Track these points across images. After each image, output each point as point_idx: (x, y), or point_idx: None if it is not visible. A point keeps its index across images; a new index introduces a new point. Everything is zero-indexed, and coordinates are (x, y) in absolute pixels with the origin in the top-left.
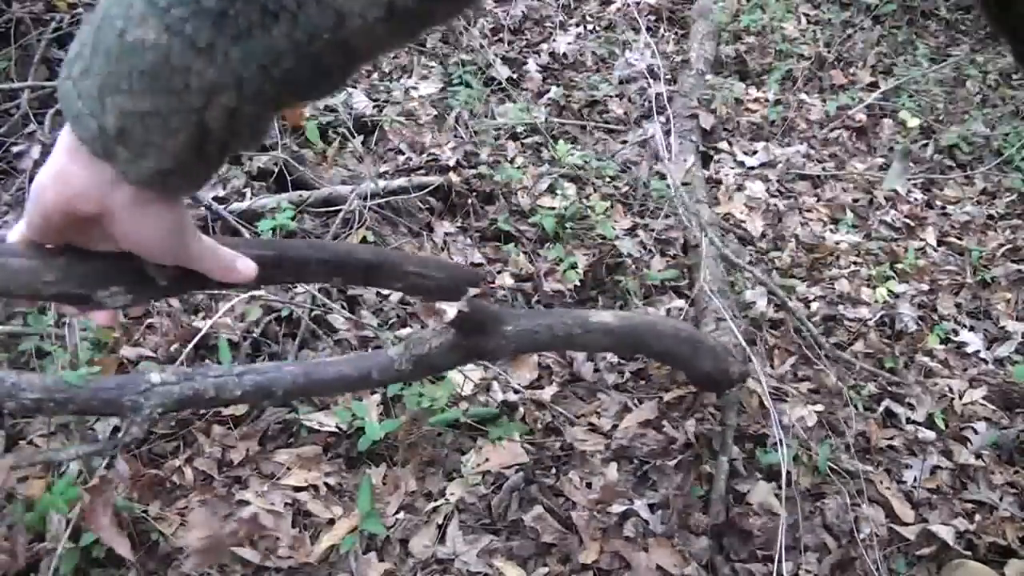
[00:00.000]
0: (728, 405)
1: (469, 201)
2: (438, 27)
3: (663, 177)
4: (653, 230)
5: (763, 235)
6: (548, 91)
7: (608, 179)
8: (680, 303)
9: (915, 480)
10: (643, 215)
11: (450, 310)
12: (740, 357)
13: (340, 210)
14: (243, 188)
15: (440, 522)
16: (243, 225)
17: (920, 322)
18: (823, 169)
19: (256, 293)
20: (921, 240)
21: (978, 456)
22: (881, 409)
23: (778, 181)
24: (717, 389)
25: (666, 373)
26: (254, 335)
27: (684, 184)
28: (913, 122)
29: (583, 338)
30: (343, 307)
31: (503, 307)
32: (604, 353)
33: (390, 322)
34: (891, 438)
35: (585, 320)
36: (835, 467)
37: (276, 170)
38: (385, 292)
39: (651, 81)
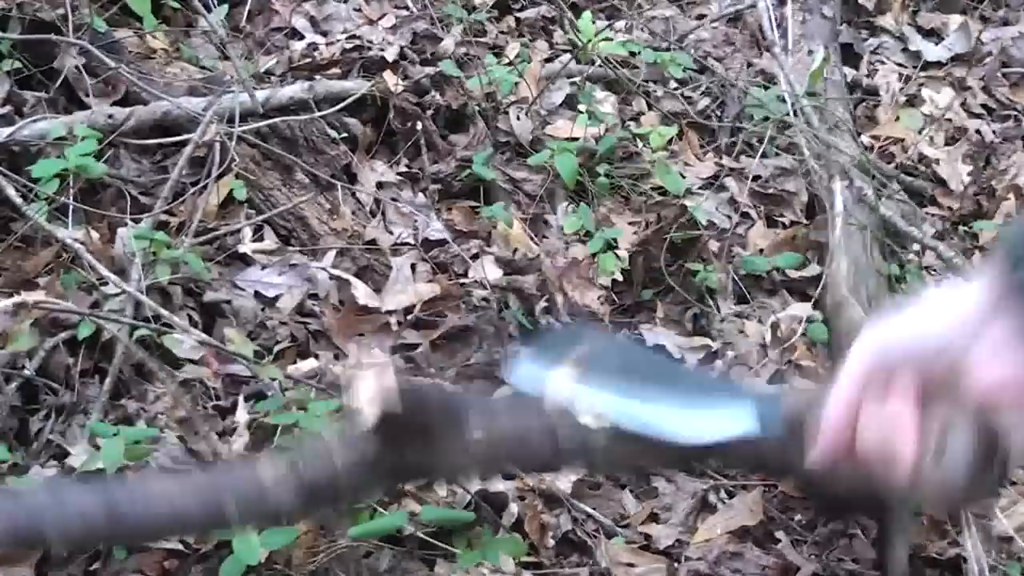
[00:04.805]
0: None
1: (420, 126)
2: None
3: (771, 82)
4: (755, 179)
5: (963, 187)
6: None
7: (674, 85)
8: (803, 309)
9: None
10: (735, 152)
11: (368, 404)
12: None
13: (186, 141)
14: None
15: None
16: (3, 173)
17: None
18: None
19: (30, 297)
20: None
21: None
22: None
23: (985, 88)
24: (871, 509)
25: None
26: (26, 372)
27: (810, 95)
28: None
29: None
30: (192, 320)
31: (456, 391)
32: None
33: (277, 348)
34: None
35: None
36: None
37: (63, 69)
38: (270, 295)
39: None
